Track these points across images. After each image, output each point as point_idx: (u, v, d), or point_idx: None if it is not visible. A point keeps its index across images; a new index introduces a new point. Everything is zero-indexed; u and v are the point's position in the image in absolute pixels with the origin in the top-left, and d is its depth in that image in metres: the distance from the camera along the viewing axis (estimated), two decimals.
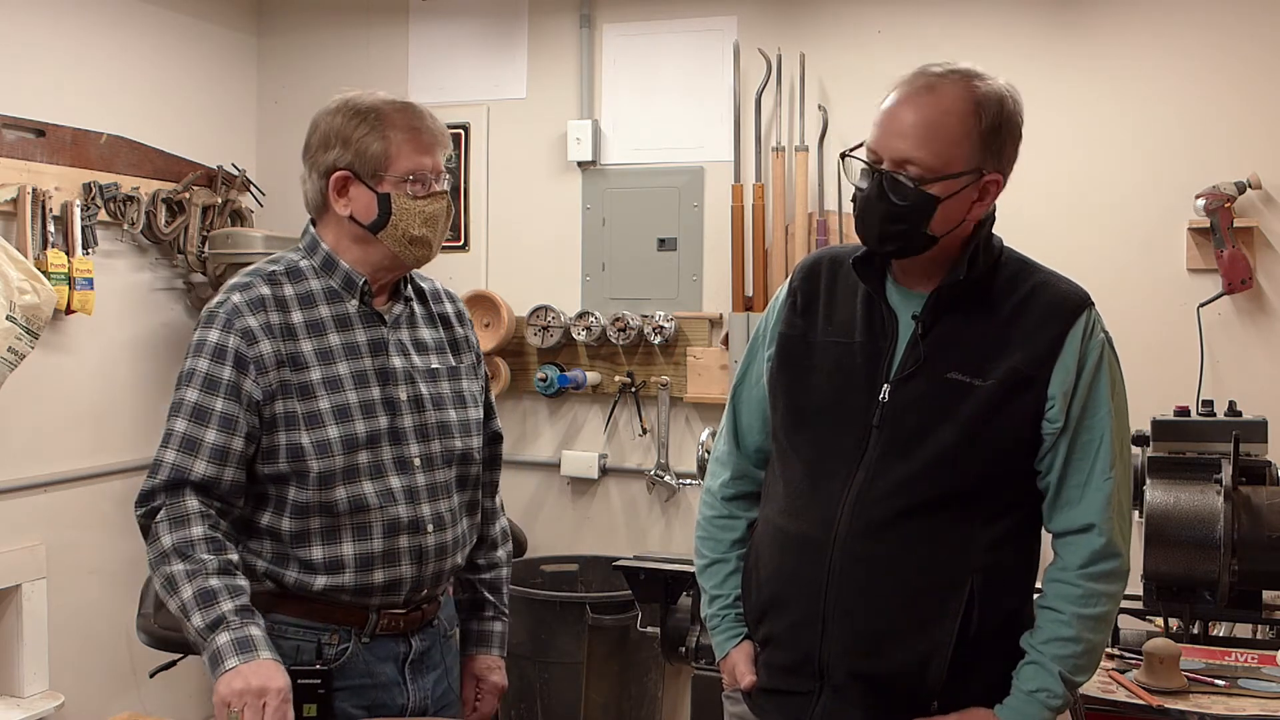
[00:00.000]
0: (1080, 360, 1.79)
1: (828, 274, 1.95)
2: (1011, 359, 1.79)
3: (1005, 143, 1.79)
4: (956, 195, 1.76)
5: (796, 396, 1.91)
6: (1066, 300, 1.83)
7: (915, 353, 1.82)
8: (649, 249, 4.08)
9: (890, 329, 1.85)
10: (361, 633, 2.03)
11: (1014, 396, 1.78)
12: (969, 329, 1.83)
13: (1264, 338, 3.49)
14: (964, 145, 1.75)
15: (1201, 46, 3.51)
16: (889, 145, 1.76)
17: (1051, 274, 1.88)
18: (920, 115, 1.74)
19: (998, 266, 1.86)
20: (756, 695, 1.95)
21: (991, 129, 1.76)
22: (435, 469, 2.07)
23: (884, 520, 1.80)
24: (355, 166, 2.02)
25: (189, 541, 1.90)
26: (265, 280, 2.03)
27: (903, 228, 1.77)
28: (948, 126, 1.74)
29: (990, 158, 1.77)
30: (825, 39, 3.86)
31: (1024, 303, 1.82)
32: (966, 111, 1.75)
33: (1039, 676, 1.79)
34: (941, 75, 1.77)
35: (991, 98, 1.76)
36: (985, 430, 1.78)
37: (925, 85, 1.76)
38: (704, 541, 2.07)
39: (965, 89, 1.75)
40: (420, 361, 2.11)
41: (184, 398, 1.96)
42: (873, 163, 1.79)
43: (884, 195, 1.76)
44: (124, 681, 3.94)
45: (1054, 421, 1.79)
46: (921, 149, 1.74)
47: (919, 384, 1.81)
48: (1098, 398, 1.81)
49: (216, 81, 4.35)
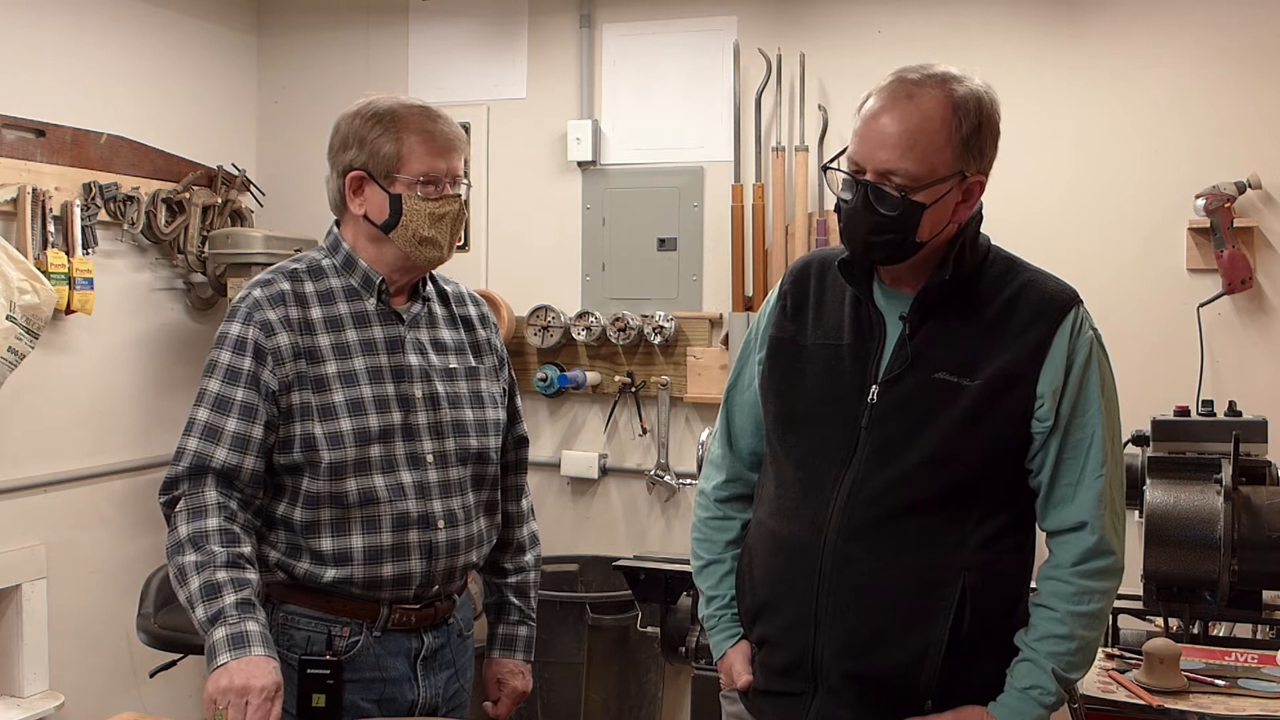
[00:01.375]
0: (1069, 358, 1.80)
1: (817, 277, 1.96)
2: (1000, 359, 1.79)
3: (985, 143, 1.79)
4: (941, 200, 1.76)
5: (787, 399, 1.92)
6: (1054, 299, 1.83)
7: (903, 354, 1.83)
8: (649, 249, 4.08)
9: (878, 330, 1.86)
10: (373, 626, 2.05)
11: (1002, 396, 1.79)
12: (956, 329, 1.83)
13: (1264, 338, 3.49)
14: (946, 151, 1.75)
15: (1201, 47, 3.51)
16: (872, 156, 1.76)
17: (1039, 272, 1.88)
18: (901, 124, 1.74)
19: (984, 265, 1.86)
20: (753, 696, 1.96)
21: (972, 131, 1.76)
22: (449, 466, 2.09)
23: (874, 521, 1.80)
24: (369, 167, 2.06)
25: (203, 533, 1.94)
26: (287, 277, 2.09)
27: (890, 237, 1.77)
28: (929, 134, 1.74)
29: (972, 159, 1.78)
30: (825, 39, 3.86)
31: (1011, 301, 1.83)
32: (946, 117, 1.75)
33: (1032, 674, 1.79)
34: (918, 82, 1.76)
35: (969, 100, 1.76)
36: (974, 430, 1.78)
37: (903, 93, 1.76)
38: (699, 543, 2.08)
39: (943, 94, 1.75)
40: (438, 361, 2.14)
41: (207, 388, 2.01)
42: (855, 173, 1.79)
43: (870, 206, 1.76)
44: (124, 681, 3.94)
45: (1043, 420, 1.79)
46: (905, 159, 1.74)
47: (907, 385, 1.82)
48: (1088, 396, 1.81)
49: (216, 81, 4.35)
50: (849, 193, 1.79)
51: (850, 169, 1.80)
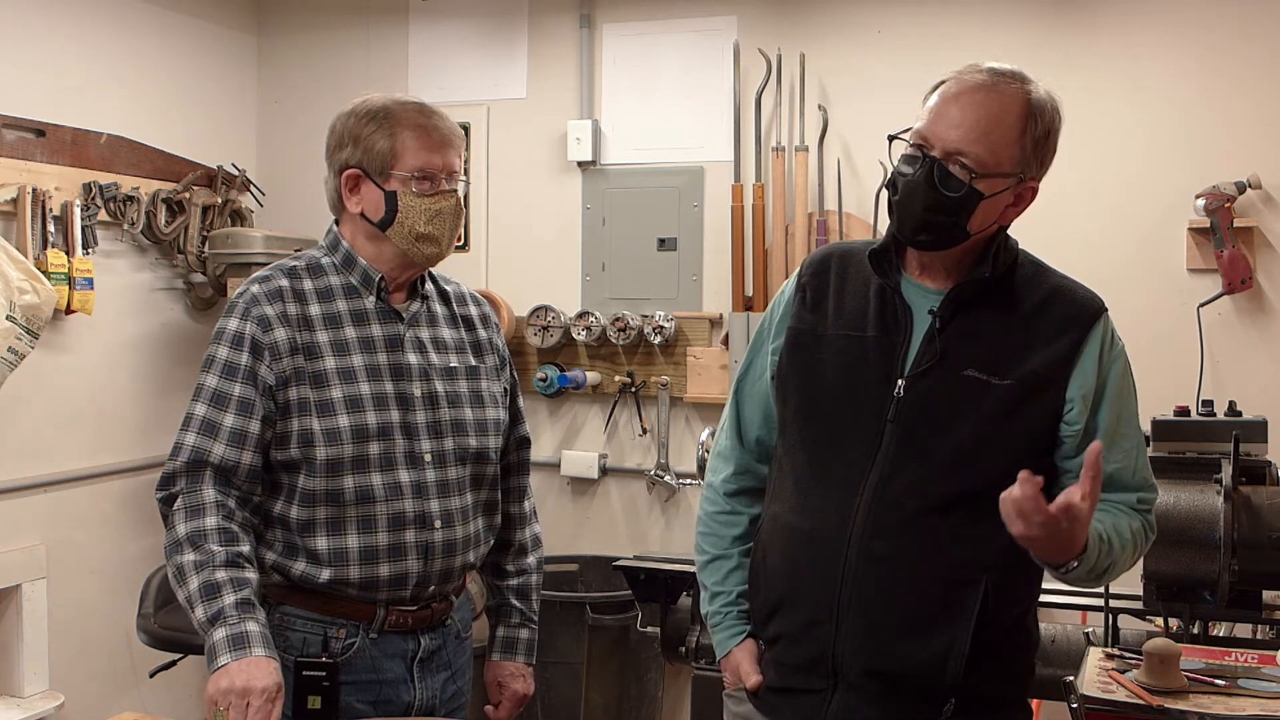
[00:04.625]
0: (1103, 368, 1.82)
1: (837, 269, 1.95)
2: (1031, 361, 1.80)
3: (1048, 152, 1.81)
4: (998, 195, 1.77)
5: (807, 390, 1.90)
6: (1085, 306, 1.85)
7: (932, 348, 1.82)
8: (649, 249, 4.08)
9: (905, 323, 1.85)
10: (369, 628, 2.04)
11: (1033, 398, 1.79)
12: (987, 327, 1.83)
13: (1264, 338, 3.49)
14: (1015, 147, 1.76)
15: (1201, 46, 3.51)
16: (943, 135, 1.76)
17: (1066, 278, 1.90)
18: (979, 111, 1.75)
19: (1015, 267, 1.87)
20: (765, 694, 1.94)
21: (1042, 136, 1.78)
22: (447, 466, 2.08)
23: (901, 518, 1.80)
24: (364, 164, 2.05)
25: (202, 532, 1.93)
26: (285, 274, 2.08)
27: (944, 219, 1.77)
28: (1005, 125, 1.75)
29: (1034, 164, 1.79)
30: (825, 39, 3.86)
31: (1042, 305, 1.84)
32: (1023, 114, 1.76)
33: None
34: (1000, 74, 1.77)
35: (1045, 105, 1.79)
36: (1003, 429, 1.79)
37: (984, 83, 1.76)
38: (705, 537, 2.05)
39: (1023, 92, 1.77)
40: (438, 359, 2.13)
41: (204, 383, 2.01)
42: (924, 149, 1.78)
43: (933, 184, 1.75)
44: (124, 681, 3.94)
45: (1073, 424, 1.80)
46: (977, 144, 1.74)
47: (935, 380, 1.81)
48: (1130, 408, 1.86)
49: (216, 81, 4.35)
50: (911, 166, 1.78)
51: (917, 143, 1.79)
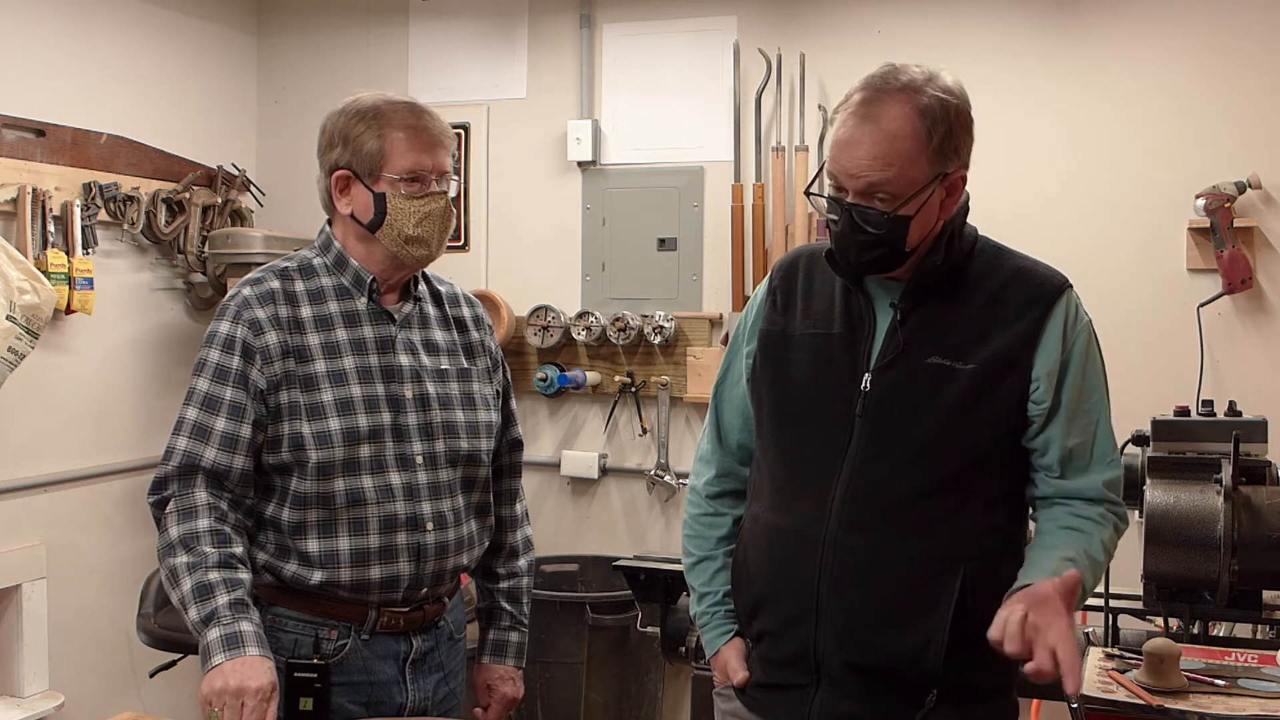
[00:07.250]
0: (1067, 344, 1.82)
1: (805, 270, 1.97)
2: (993, 343, 1.81)
3: (960, 140, 1.80)
4: (925, 205, 1.77)
5: (779, 391, 1.92)
6: (1046, 284, 1.85)
7: (895, 340, 1.84)
8: (649, 249, 4.08)
9: (868, 318, 1.87)
10: (361, 629, 2.03)
11: (998, 379, 1.80)
12: (948, 314, 1.84)
13: (1264, 338, 3.49)
14: (921, 160, 1.75)
15: (1201, 46, 3.51)
16: (851, 176, 1.77)
17: (1028, 259, 1.90)
18: (874, 148, 1.74)
19: (973, 253, 1.88)
20: (752, 690, 1.96)
21: (944, 136, 1.76)
22: (439, 468, 2.07)
23: (874, 511, 1.81)
24: (354, 165, 2.04)
25: (194, 534, 1.93)
26: (277, 275, 2.07)
27: (880, 252, 1.79)
28: (901, 152, 1.74)
29: (949, 159, 1.78)
30: (825, 39, 3.86)
31: (1003, 287, 1.85)
32: (915, 130, 1.74)
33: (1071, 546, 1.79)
34: (882, 99, 1.76)
35: (935, 107, 1.76)
36: (970, 413, 1.80)
37: (870, 112, 1.76)
38: (690, 539, 2.08)
39: (909, 107, 1.75)
40: (429, 361, 2.12)
41: (195, 386, 2.00)
42: (838, 193, 1.80)
43: (857, 227, 1.78)
44: (124, 681, 3.94)
45: (1040, 403, 1.81)
46: (883, 175, 1.75)
47: (900, 371, 1.83)
48: (1092, 383, 1.85)
49: (216, 81, 4.35)
50: (835, 214, 1.80)
51: (833, 189, 1.81)
